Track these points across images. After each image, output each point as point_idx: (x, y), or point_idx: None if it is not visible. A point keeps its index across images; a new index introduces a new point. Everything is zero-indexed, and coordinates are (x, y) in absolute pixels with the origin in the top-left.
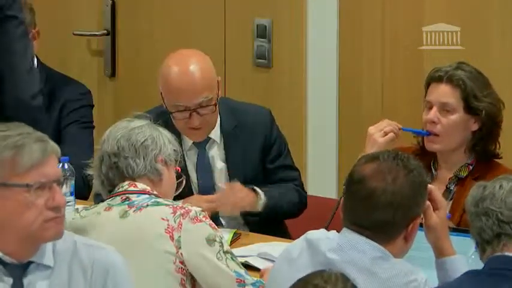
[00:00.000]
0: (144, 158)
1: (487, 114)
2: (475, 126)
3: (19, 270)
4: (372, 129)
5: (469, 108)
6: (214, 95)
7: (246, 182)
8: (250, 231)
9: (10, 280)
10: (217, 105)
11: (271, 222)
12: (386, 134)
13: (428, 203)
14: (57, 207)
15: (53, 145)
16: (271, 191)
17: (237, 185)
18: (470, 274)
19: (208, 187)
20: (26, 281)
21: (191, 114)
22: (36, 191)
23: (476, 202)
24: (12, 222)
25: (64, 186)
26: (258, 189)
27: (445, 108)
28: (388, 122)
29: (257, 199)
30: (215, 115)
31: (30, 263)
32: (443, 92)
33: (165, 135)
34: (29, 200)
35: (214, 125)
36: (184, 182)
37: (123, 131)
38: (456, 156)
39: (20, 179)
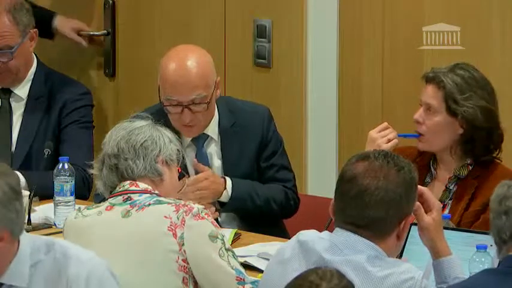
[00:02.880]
0: (143, 159)
1: (464, 118)
2: (461, 130)
3: None
4: (373, 133)
5: (451, 111)
6: (208, 94)
7: None
8: (250, 231)
9: None
10: (214, 104)
11: (269, 223)
12: (389, 140)
13: (418, 203)
14: None
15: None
16: (247, 185)
17: (211, 175)
18: (486, 272)
19: None
20: None
21: (183, 109)
22: None
23: (499, 200)
24: None
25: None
26: (228, 180)
27: (429, 109)
28: (388, 125)
29: (224, 190)
30: (208, 114)
31: (1, 284)
32: (428, 93)
33: (166, 134)
34: None
35: (207, 124)
36: (186, 181)
37: (123, 132)
38: (448, 157)
39: None
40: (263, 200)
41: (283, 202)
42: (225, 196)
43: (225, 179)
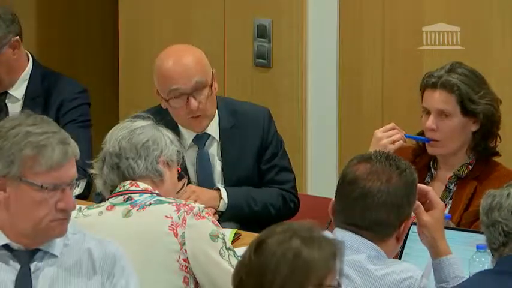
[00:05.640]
0: (145, 159)
1: (485, 115)
2: (474, 127)
3: (26, 256)
4: (379, 133)
5: (467, 111)
6: (208, 79)
7: (240, 182)
8: (250, 231)
9: (17, 265)
10: (215, 99)
11: (269, 223)
12: (395, 141)
13: (418, 202)
14: (66, 210)
15: (73, 147)
16: (242, 192)
17: (200, 188)
18: (482, 274)
19: (207, 185)
20: (32, 266)
21: (188, 99)
22: (50, 191)
23: (486, 212)
24: (24, 216)
25: (76, 187)
26: (222, 190)
27: (442, 115)
28: (394, 126)
29: (220, 200)
30: (213, 101)
31: (37, 250)
32: (439, 99)
33: (167, 135)
34: (42, 198)
35: (213, 115)
36: (186, 182)
37: (125, 131)
38: (457, 157)
39: (37, 178)
40: (260, 205)
41: (281, 206)
42: (222, 205)
43: (219, 189)
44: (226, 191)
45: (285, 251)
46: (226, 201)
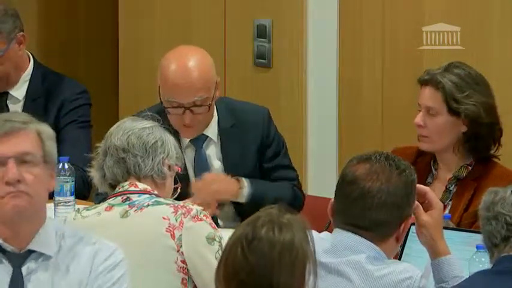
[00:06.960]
0: (152, 159)
1: (467, 116)
2: (464, 127)
3: (19, 259)
4: None
5: (452, 111)
6: (210, 96)
7: None
8: None
9: (10, 267)
10: (214, 105)
11: None
12: None
13: (417, 202)
14: (7, 182)
15: (19, 125)
16: (259, 183)
17: (220, 175)
18: (481, 274)
19: None
20: (24, 269)
21: (184, 111)
22: None
23: (487, 207)
24: None
25: (34, 164)
26: (243, 179)
27: (429, 112)
28: None
29: (240, 189)
30: (209, 115)
31: (31, 252)
32: (427, 96)
33: (171, 139)
34: None
35: (207, 125)
36: (179, 189)
37: (134, 128)
38: (450, 156)
39: None
40: (276, 196)
41: (292, 199)
42: (243, 195)
43: (238, 179)
44: (248, 180)
45: (281, 243)
46: (248, 190)
